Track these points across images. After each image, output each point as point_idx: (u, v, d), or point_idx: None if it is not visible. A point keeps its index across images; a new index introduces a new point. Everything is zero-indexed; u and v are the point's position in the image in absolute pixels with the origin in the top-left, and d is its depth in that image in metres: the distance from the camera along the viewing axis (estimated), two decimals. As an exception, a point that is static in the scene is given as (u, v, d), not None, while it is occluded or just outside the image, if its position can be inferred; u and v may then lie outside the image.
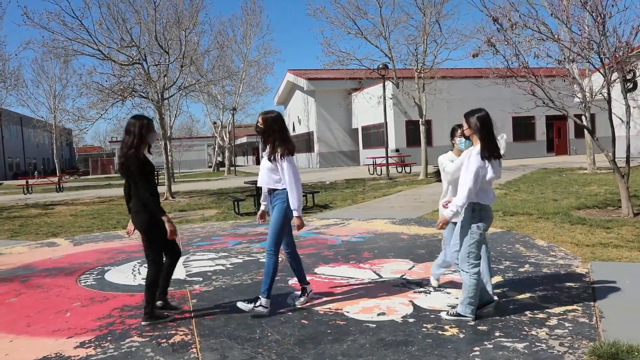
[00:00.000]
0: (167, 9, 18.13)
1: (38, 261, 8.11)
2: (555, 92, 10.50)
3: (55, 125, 44.10)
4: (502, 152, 4.33)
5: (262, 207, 5.21)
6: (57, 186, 28.37)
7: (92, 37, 16.51)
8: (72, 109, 34.67)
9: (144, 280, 6.37)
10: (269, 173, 4.90)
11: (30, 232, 11.54)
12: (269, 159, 4.84)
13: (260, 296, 4.85)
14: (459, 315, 4.34)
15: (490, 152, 4.18)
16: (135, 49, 17.12)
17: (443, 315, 4.46)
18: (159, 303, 4.90)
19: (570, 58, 10.62)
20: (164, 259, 4.90)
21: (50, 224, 12.79)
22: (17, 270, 7.52)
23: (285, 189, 4.83)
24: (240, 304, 4.86)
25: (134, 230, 4.91)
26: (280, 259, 7.19)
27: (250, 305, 4.81)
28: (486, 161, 4.17)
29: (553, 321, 4.27)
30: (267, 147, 4.88)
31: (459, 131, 4.85)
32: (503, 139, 4.49)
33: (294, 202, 4.79)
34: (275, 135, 4.83)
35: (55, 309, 5.42)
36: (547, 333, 4.03)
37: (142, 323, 4.68)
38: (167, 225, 4.61)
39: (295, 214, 4.82)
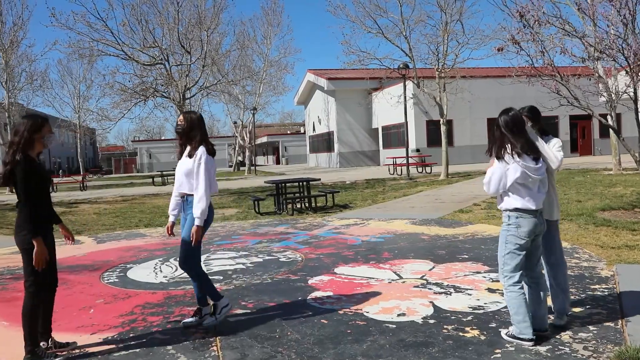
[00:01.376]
0: (189, 9, 18.30)
1: (62, 258, 8.23)
2: (580, 91, 10.34)
3: (80, 125, 44.83)
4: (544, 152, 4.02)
5: (171, 218, 4.79)
6: (81, 185, 28.81)
7: (116, 37, 16.80)
8: (95, 109, 35.14)
9: (165, 279, 6.44)
10: (187, 177, 4.52)
11: (55, 230, 11.70)
12: (190, 156, 4.51)
13: (216, 303, 4.60)
14: (514, 337, 3.91)
15: (517, 150, 3.85)
16: (158, 50, 17.32)
17: (502, 332, 4.04)
18: (42, 344, 4.09)
19: (596, 56, 10.44)
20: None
21: (74, 222, 12.99)
22: (42, 267, 7.65)
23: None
24: (206, 324, 4.54)
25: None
26: (300, 259, 7.23)
27: (213, 319, 4.56)
28: (505, 161, 3.88)
29: (577, 324, 4.20)
30: (188, 146, 4.57)
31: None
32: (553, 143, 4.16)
33: (198, 208, 4.39)
34: (197, 134, 4.54)
35: (79, 305, 5.50)
36: (571, 336, 3.96)
37: None
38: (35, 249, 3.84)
39: (196, 222, 4.40)
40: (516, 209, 3.90)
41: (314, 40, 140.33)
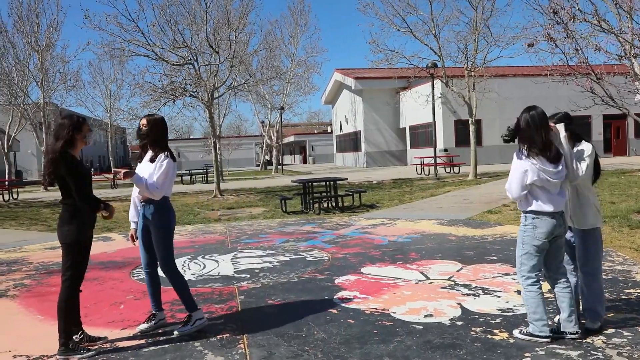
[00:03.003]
0: (217, 9, 18.46)
1: (94, 254, 8.35)
2: (615, 89, 10.09)
3: (111, 124, 45.66)
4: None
5: (132, 226, 4.74)
6: (112, 183, 29.36)
7: (147, 38, 17.04)
8: (126, 109, 35.80)
9: (193, 276, 6.51)
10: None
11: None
12: (152, 161, 4.42)
13: (191, 313, 4.56)
14: (530, 335, 3.93)
15: (537, 150, 3.84)
16: (187, 50, 17.51)
17: (515, 333, 4.04)
18: (74, 337, 4.24)
19: (633, 54, 10.18)
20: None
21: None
22: (74, 263, 7.82)
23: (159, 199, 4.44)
24: (177, 331, 4.45)
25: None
26: (326, 258, 7.24)
27: (188, 327, 4.47)
28: (530, 161, 3.83)
29: (610, 329, 4.10)
30: (150, 150, 4.49)
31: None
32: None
33: (140, 178, 4.33)
34: (161, 139, 4.49)
35: (110, 301, 5.61)
36: (604, 342, 3.87)
37: (57, 356, 4.08)
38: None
39: (135, 177, 4.33)
40: (532, 211, 3.89)
41: (341, 40, 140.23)
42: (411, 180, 21.55)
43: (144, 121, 4.51)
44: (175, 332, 4.44)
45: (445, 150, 30.45)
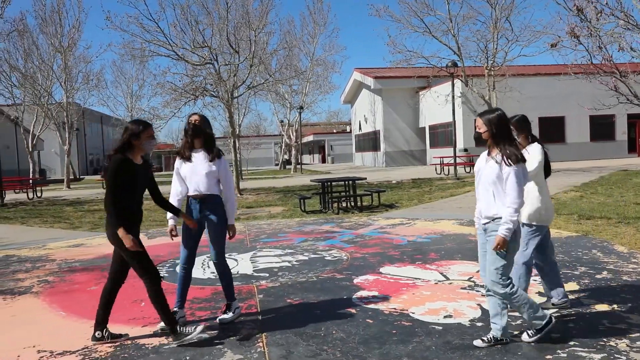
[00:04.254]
0: (237, 9, 18.57)
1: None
2: (640, 88, 9.91)
3: (132, 124, 46.09)
4: None
5: (171, 222, 4.82)
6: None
7: (167, 38, 17.21)
8: (147, 108, 36.16)
9: (213, 275, 6.56)
10: (208, 178, 4.61)
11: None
12: (211, 161, 4.61)
13: (231, 302, 4.79)
14: (539, 332, 3.87)
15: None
16: (207, 50, 17.63)
17: (524, 338, 3.93)
18: (97, 334, 4.31)
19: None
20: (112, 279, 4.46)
21: (126, 217, 13.39)
22: (97, 260, 7.94)
23: (217, 195, 4.69)
24: (220, 319, 4.69)
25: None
26: (345, 258, 7.23)
27: (230, 314, 4.72)
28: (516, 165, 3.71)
29: (635, 332, 4.03)
30: (203, 147, 4.65)
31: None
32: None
33: (233, 209, 4.77)
34: (212, 134, 4.72)
35: (131, 298, 5.68)
36: (628, 345, 3.81)
37: (175, 345, 4.18)
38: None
39: (231, 222, 4.77)
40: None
41: (360, 40, 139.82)
42: (430, 180, 21.42)
43: (196, 117, 4.66)
44: (218, 320, 4.67)
45: (465, 150, 30.20)
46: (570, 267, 6.14)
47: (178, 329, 4.18)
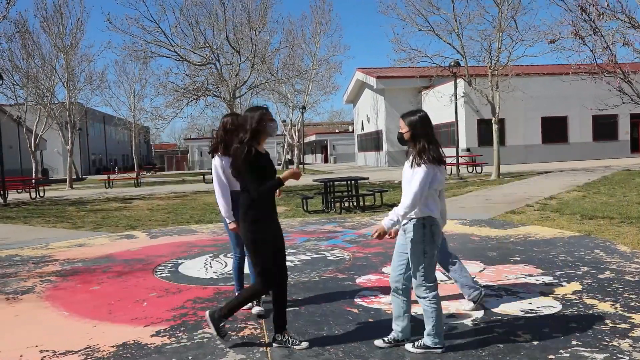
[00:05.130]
0: (238, 9, 18.60)
1: (118, 252, 8.53)
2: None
3: (134, 124, 46.24)
4: None
5: (234, 219, 4.84)
6: (135, 181, 29.77)
7: (169, 39, 17.24)
8: (149, 108, 36.24)
9: (215, 275, 6.56)
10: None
11: (111, 224, 12.16)
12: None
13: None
14: (427, 347, 3.78)
15: (437, 155, 3.77)
16: (209, 50, 17.66)
17: (408, 347, 3.85)
18: (277, 336, 4.12)
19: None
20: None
21: (129, 217, 13.42)
22: (99, 260, 7.95)
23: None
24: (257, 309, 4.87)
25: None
26: (347, 257, 7.24)
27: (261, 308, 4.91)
28: (430, 165, 3.70)
29: (637, 332, 4.03)
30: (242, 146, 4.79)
31: None
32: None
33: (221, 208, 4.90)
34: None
35: (133, 298, 5.69)
36: (631, 344, 3.80)
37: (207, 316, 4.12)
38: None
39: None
40: (430, 217, 3.75)
41: (363, 39, 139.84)
42: (433, 180, 21.37)
43: (229, 119, 4.89)
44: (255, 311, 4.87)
45: (468, 149, 30.19)
46: (573, 267, 6.13)
47: (221, 321, 4.09)
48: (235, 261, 5.10)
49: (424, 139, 3.76)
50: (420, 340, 3.85)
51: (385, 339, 3.95)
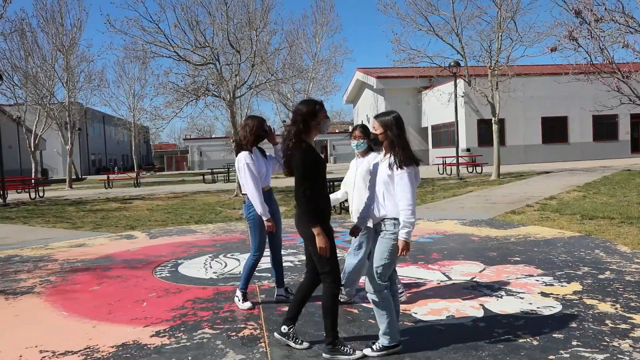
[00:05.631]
0: (239, 9, 18.58)
1: (118, 252, 8.53)
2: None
3: (134, 124, 46.22)
4: None
5: (269, 216, 5.00)
6: (135, 181, 29.76)
7: (168, 39, 17.20)
8: (149, 108, 36.21)
9: (215, 275, 6.56)
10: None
11: (111, 224, 12.16)
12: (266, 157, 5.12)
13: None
14: (386, 348, 3.79)
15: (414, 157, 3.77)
16: (209, 50, 17.64)
17: (367, 352, 3.81)
18: (283, 328, 4.09)
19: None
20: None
21: (128, 217, 13.42)
22: (99, 260, 7.95)
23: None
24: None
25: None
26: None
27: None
28: (410, 168, 3.71)
29: (638, 332, 4.03)
30: (257, 146, 5.06)
31: (354, 133, 4.88)
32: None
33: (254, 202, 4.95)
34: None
35: (133, 298, 5.69)
36: (631, 345, 3.81)
37: (324, 355, 3.83)
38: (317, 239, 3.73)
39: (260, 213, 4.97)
40: (396, 218, 3.72)
41: (363, 39, 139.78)
42: (433, 180, 21.41)
43: (249, 121, 5.05)
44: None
45: (468, 150, 30.19)
46: (573, 267, 6.14)
47: (337, 344, 3.82)
48: (251, 260, 5.09)
49: (399, 140, 3.75)
50: (377, 343, 3.85)
51: (374, 347, 3.88)
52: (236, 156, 5.00)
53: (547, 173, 21.77)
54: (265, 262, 7.19)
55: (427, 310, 4.79)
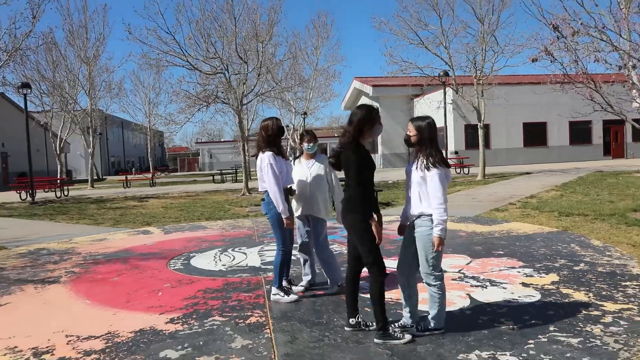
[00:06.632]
0: (246, 23, 18.59)
1: (135, 246, 8.55)
2: (613, 97, 9.92)
3: (150, 128, 46.18)
4: None
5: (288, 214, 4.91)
6: (151, 181, 29.76)
7: (183, 50, 17.21)
8: (163, 114, 36.19)
9: (224, 267, 6.57)
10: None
11: (129, 221, 12.17)
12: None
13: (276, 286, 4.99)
14: (430, 330, 3.86)
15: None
16: (219, 60, 17.65)
17: (413, 331, 3.87)
18: (351, 321, 4.04)
19: (631, 64, 9.98)
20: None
21: (144, 214, 13.43)
22: (118, 253, 7.97)
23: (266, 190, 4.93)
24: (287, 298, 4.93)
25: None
26: (346, 251, 7.23)
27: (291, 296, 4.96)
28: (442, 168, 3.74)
29: (608, 319, 4.05)
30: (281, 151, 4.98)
31: (307, 137, 5.11)
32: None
33: (275, 201, 4.83)
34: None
35: (149, 288, 5.70)
36: (602, 330, 3.83)
37: (375, 340, 3.78)
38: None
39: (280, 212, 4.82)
40: (431, 214, 3.73)
41: (360, 50, 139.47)
42: (423, 180, 21.36)
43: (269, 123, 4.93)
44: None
45: (456, 152, 30.18)
46: (551, 259, 6.15)
47: (389, 330, 3.80)
48: (280, 255, 4.92)
49: (431, 144, 3.77)
50: (422, 323, 3.91)
51: (396, 324, 3.96)
52: (256, 157, 4.91)
53: (528, 174, 21.76)
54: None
55: (419, 299, 4.79)
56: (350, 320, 4.05)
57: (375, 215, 3.82)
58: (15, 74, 24.86)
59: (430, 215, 3.72)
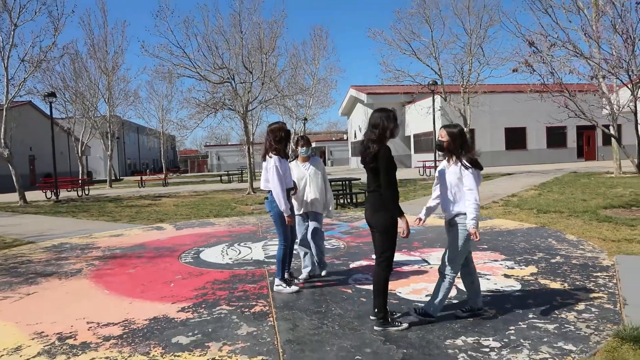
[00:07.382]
0: (251, 36, 18.60)
1: (149, 241, 8.54)
2: (586, 105, 9.95)
3: (163, 133, 46.12)
4: None
5: (290, 213, 4.91)
6: (163, 182, 29.72)
7: (192, 62, 17.21)
8: (175, 120, 36.18)
9: (231, 260, 6.56)
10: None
11: (143, 218, 12.16)
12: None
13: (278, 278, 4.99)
14: (427, 314, 3.89)
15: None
16: (226, 71, 17.65)
17: (458, 313, 3.96)
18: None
19: (602, 75, 10.02)
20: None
21: (158, 212, 13.42)
22: (134, 248, 7.97)
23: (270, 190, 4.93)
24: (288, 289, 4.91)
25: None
26: (343, 246, 7.25)
27: (292, 287, 4.93)
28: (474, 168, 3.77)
29: (581, 306, 4.07)
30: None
31: (301, 142, 5.22)
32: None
33: (278, 201, 4.82)
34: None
35: (162, 280, 5.71)
36: (575, 316, 3.85)
37: (375, 328, 3.79)
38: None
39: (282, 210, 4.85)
40: (464, 213, 3.79)
41: (356, 61, 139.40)
42: (415, 181, 21.42)
43: (276, 126, 4.95)
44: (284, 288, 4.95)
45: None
46: (530, 252, 6.17)
47: (388, 319, 3.80)
48: (282, 250, 4.94)
49: (466, 148, 3.82)
50: (419, 308, 3.97)
51: (463, 308, 4.03)
52: (263, 158, 4.91)
53: (510, 175, 21.78)
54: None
55: (409, 290, 4.82)
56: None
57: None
58: (43, 84, 25.06)
59: (465, 213, 3.77)
